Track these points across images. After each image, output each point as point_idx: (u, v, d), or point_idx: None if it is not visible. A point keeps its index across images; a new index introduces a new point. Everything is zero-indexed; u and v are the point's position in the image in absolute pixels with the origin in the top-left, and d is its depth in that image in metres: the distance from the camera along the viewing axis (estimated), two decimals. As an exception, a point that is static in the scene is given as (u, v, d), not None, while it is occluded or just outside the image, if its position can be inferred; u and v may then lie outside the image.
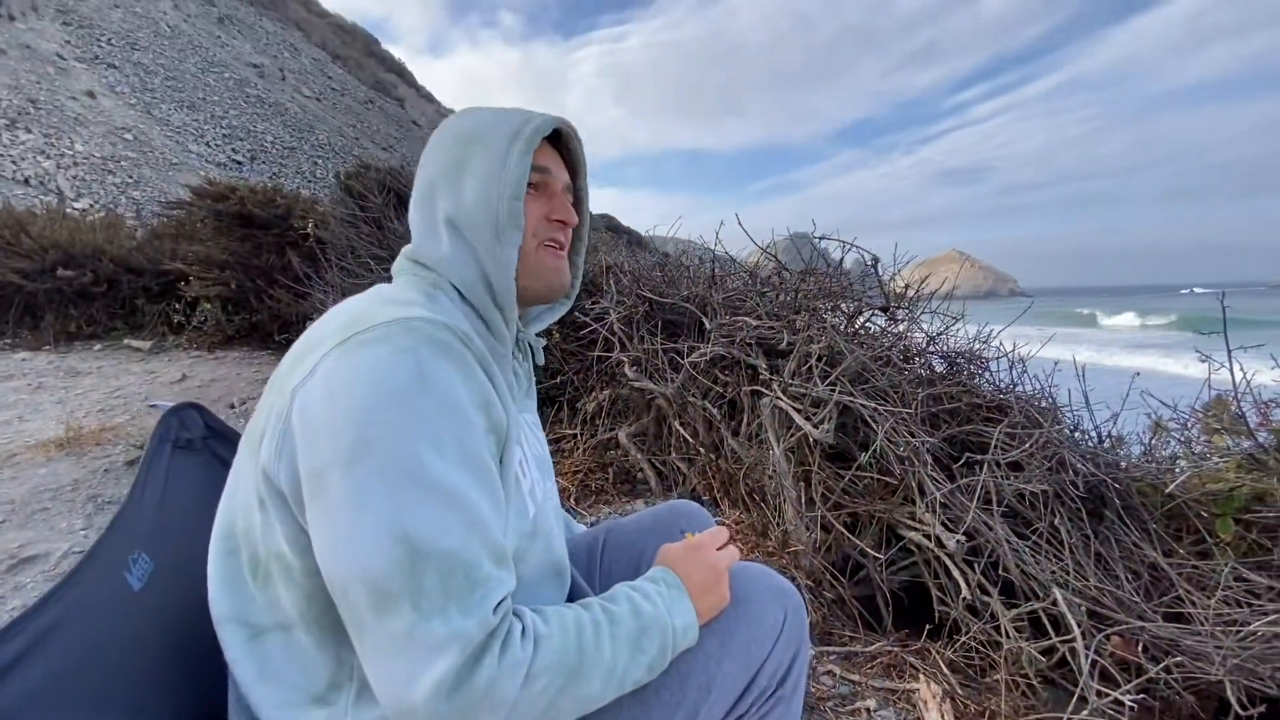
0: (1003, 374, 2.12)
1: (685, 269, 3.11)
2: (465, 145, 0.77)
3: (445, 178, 0.77)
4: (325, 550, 0.56)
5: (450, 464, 0.57)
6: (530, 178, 0.76)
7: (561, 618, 0.64)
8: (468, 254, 0.75)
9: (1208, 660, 1.32)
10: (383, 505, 0.54)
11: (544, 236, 0.80)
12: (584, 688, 0.61)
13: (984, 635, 1.54)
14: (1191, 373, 1.87)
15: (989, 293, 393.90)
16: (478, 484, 0.60)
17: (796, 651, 0.82)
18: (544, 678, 0.57)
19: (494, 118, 0.78)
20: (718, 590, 0.77)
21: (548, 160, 0.80)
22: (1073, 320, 50.43)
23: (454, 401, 0.60)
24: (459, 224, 0.75)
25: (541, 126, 0.77)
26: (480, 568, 0.56)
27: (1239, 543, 1.60)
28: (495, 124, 0.77)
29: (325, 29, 44.80)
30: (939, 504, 1.65)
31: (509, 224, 0.74)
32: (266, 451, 0.62)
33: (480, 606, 0.54)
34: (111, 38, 24.50)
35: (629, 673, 0.65)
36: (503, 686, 0.53)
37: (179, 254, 5.67)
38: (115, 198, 15.82)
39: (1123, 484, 1.78)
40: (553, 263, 0.82)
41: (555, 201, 0.81)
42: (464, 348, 0.64)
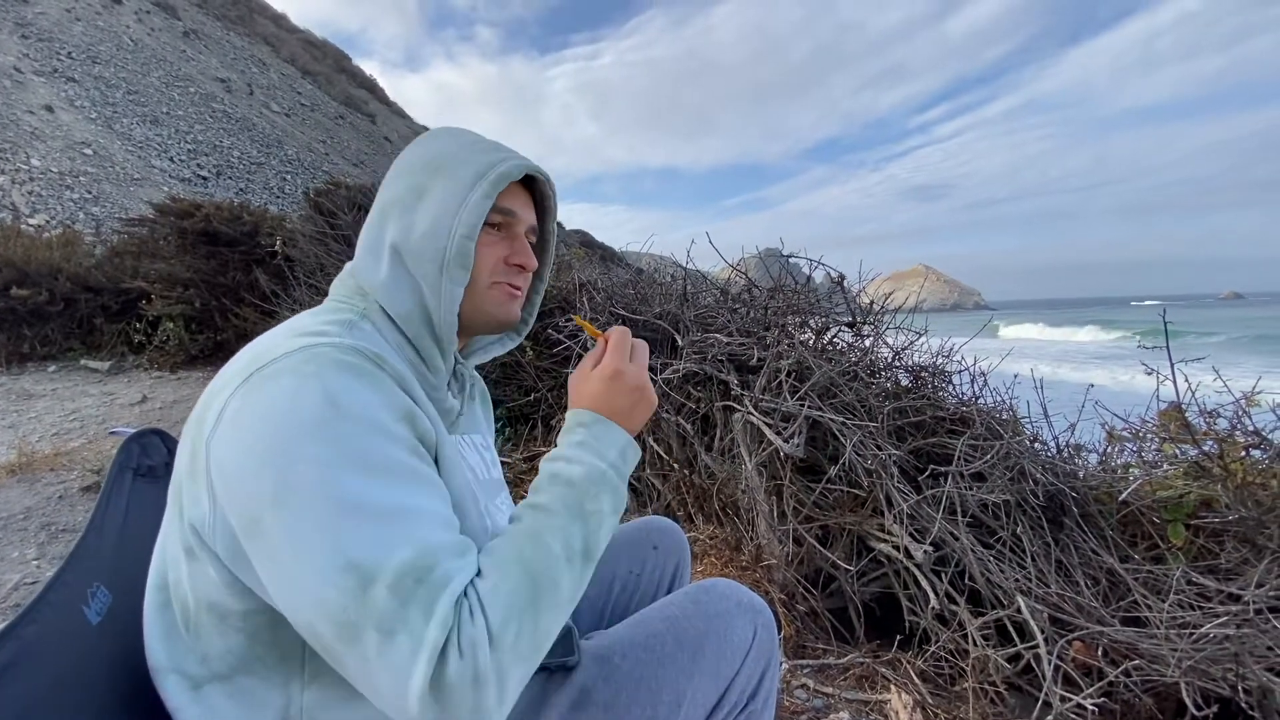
0: (965, 387, 2.18)
1: (658, 286, 3.14)
2: (429, 174, 0.75)
3: (400, 203, 0.75)
4: (279, 595, 0.55)
5: (380, 481, 0.56)
6: (493, 218, 0.75)
7: (496, 560, 0.60)
8: (407, 284, 0.74)
9: (1164, 663, 1.37)
10: (321, 541, 0.52)
11: (500, 279, 0.78)
12: (553, 593, 0.59)
13: (952, 644, 1.57)
14: (1138, 383, 1.95)
15: (955, 305, 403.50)
16: (415, 488, 0.59)
17: (767, 666, 0.83)
18: (510, 627, 0.55)
19: (464, 151, 0.76)
20: (645, 401, 0.76)
21: (514, 203, 0.78)
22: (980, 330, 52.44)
23: (370, 418, 0.58)
24: (403, 253, 0.73)
25: (510, 172, 0.75)
26: (436, 568, 0.54)
27: (1189, 547, 1.67)
28: (464, 158, 0.75)
29: (295, 44, 44.38)
30: (906, 515, 1.69)
31: (455, 262, 0.72)
32: (189, 506, 0.60)
33: (440, 605, 0.53)
34: (72, 51, 23.93)
35: (591, 537, 0.65)
36: (477, 665, 0.52)
37: (141, 272, 5.53)
38: (73, 214, 15.35)
39: (1080, 492, 1.84)
40: (503, 301, 0.80)
41: (517, 244, 0.80)
42: (375, 367, 0.62)
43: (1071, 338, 46.27)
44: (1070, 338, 46.40)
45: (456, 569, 0.56)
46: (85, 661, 0.64)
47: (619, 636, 0.81)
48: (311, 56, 44.64)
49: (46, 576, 2.15)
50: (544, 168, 0.80)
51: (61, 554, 2.34)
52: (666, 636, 0.79)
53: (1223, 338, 33.29)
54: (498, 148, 0.78)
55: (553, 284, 3.28)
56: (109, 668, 0.66)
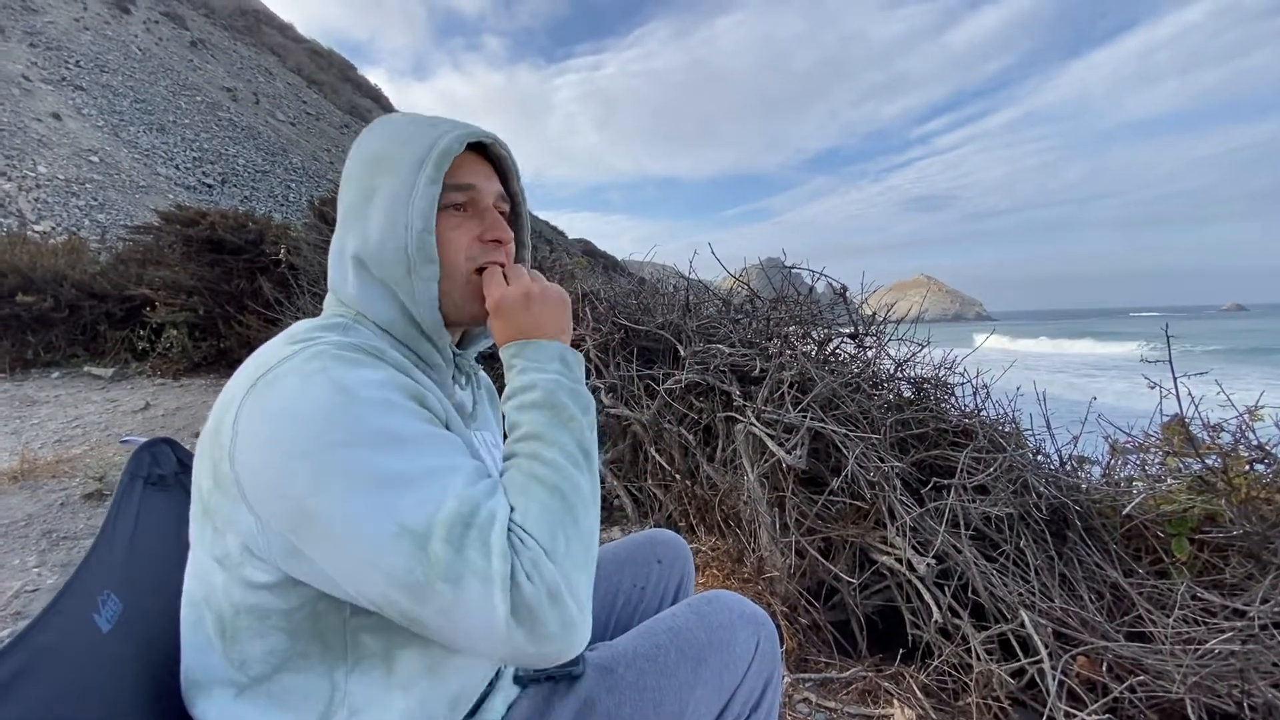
0: (968, 399, 2.19)
1: (661, 296, 3.15)
2: (372, 173, 0.72)
3: (353, 211, 0.73)
4: (346, 580, 0.56)
5: (406, 449, 0.57)
6: (454, 198, 0.72)
7: (515, 489, 0.62)
8: (381, 292, 0.72)
9: (1169, 679, 1.36)
10: (369, 516, 0.54)
11: (481, 260, 0.75)
12: (577, 495, 0.62)
13: (956, 658, 1.56)
14: (1138, 396, 1.95)
15: (956, 316, 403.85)
16: (438, 449, 0.60)
17: (769, 678, 0.83)
18: (559, 538, 0.58)
19: (400, 138, 0.72)
20: (545, 302, 0.74)
21: (471, 175, 0.74)
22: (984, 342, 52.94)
23: (381, 396, 0.59)
24: (367, 261, 0.71)
25: (450, 147, 0.70)
26: (479, 511, 0.56)
27: (1194, 562, 1.66)
28: (402, 145, 0.71)
29: (301, 54, 44.79)
30: (909, 528, 1.69)
31: (419, 258, 0.69)
32: (228, 523, 0.60)
33: (494, 542, 0.55)
34: (80, 60, 24.19)
35: (580, 438, 0.67)
36: (546, 581, 0.55)
37: (145, 279, 5.56)
38: (79, 220, 15.45)
39: (1083, 506, 1.83)
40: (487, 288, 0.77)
41: (487, 219, 0.75)
42: (374, 359, 0.63)
43: (1070, 349, 46.23)
44: (1068, 349, 46.36)
45: (498, 504, 0.58)
46: (96, 670, 0.64)
47: (623, 648, 0.81)
48: (317, 66, 45.06)
49: (47, 584, 2.16)
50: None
51: (63, 561, 2.34)
52: (670, 648, 0.80)
53: (1219, 347, 33.25)
54: (434, 124, 0.73)
55: (556, 294, 3.29)
56: (120, 676, 0.67)
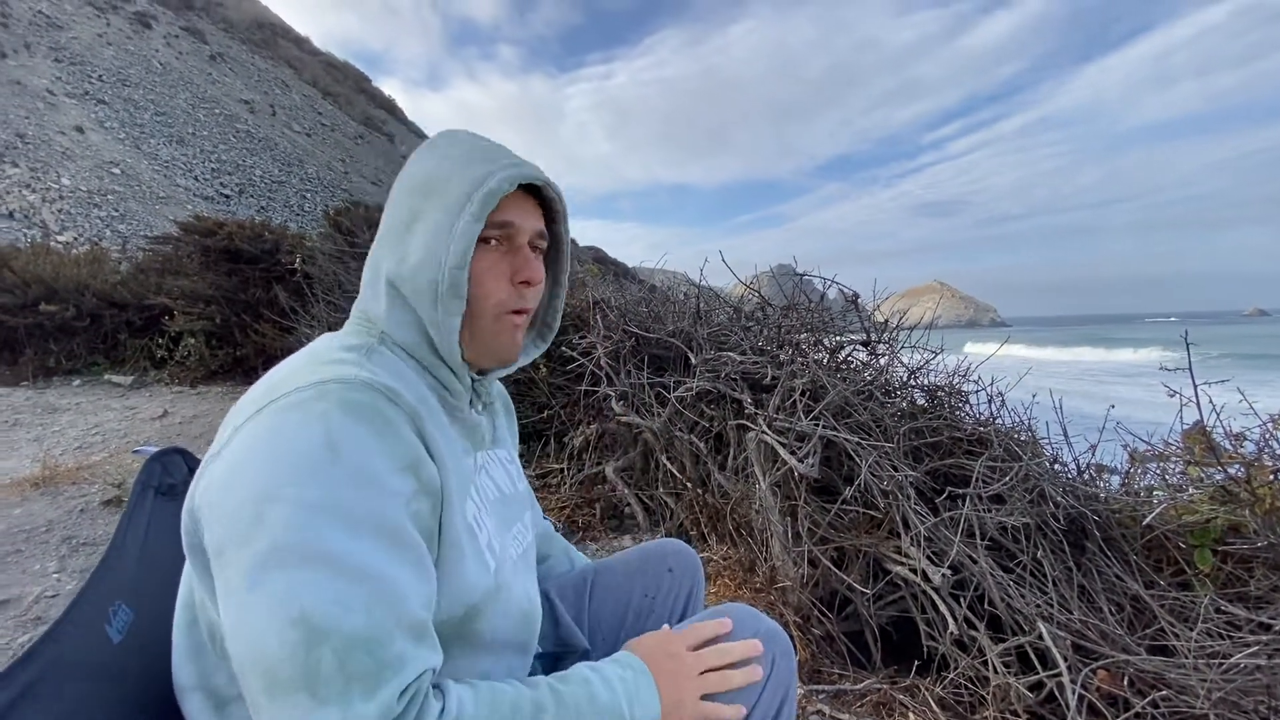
0: (982, 407, 2.16)
1: (671, 304, 3.15)
2: (421, 196, 0.72)
3: (393, 233, 0.73)
4: (226, 631, 0.53)
5: (360, 538, 0.53)
6: (490, 233, 0.72)
7: (495, 697, 0.60)
8: (409, 317, 0.72)
9: (1192, 693, 1.33)
10: (278, 586, 0.50)
11: (509, 305, 0.75)
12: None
13: (972, 670, 1.54)
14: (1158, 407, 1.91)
15: (970, 322, 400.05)
16: (395, 556, 0.56)
17: (785, 695, 0.82)
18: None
19: (454, 167, 0.72)
20: (682, 683, 0.73)
21: (511, 213, 0.73)
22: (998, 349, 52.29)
23: (367, 469, 0.56)
24: (400, 286, 0.71)
25: (498, 188, 0.69)
26: (390, 647, 0.51)
27: (1217, 574, 1.62)
28: (452, 176, 0.71)
29: (316, 66, 45.51)
30: (924, 537, 1.66)
31: (449, 294, 0.69)
32: (185, 526, 0.60)
33: (385, 688, 0.50)
34: (103, 74, 24.74)
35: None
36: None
37: (164, 288, 5.65)
38: (100, 231, 15.77)
39: (1102, 516, 1.80)
40: (508, 338, 0.77)
41: (519, 258, 0.75)
42: (388, 404, 0.61)
43: (1087, 357, 45.58)
44: (1086, 357, 45.70)
45: (413, 656, 0.53)
46: (107, 680, 0.65)
47: None
48: (332, 78, 45.76)
49: (67, 589, 2.19)
50: (559, 183, 0.77)
51: (82, 567, 2.37)
52: None
53: (1250, 350, 32.60)
54: (490, 158, 0.72)
55: (568, 302, 3.30)
56: (131, 686, 0.67)
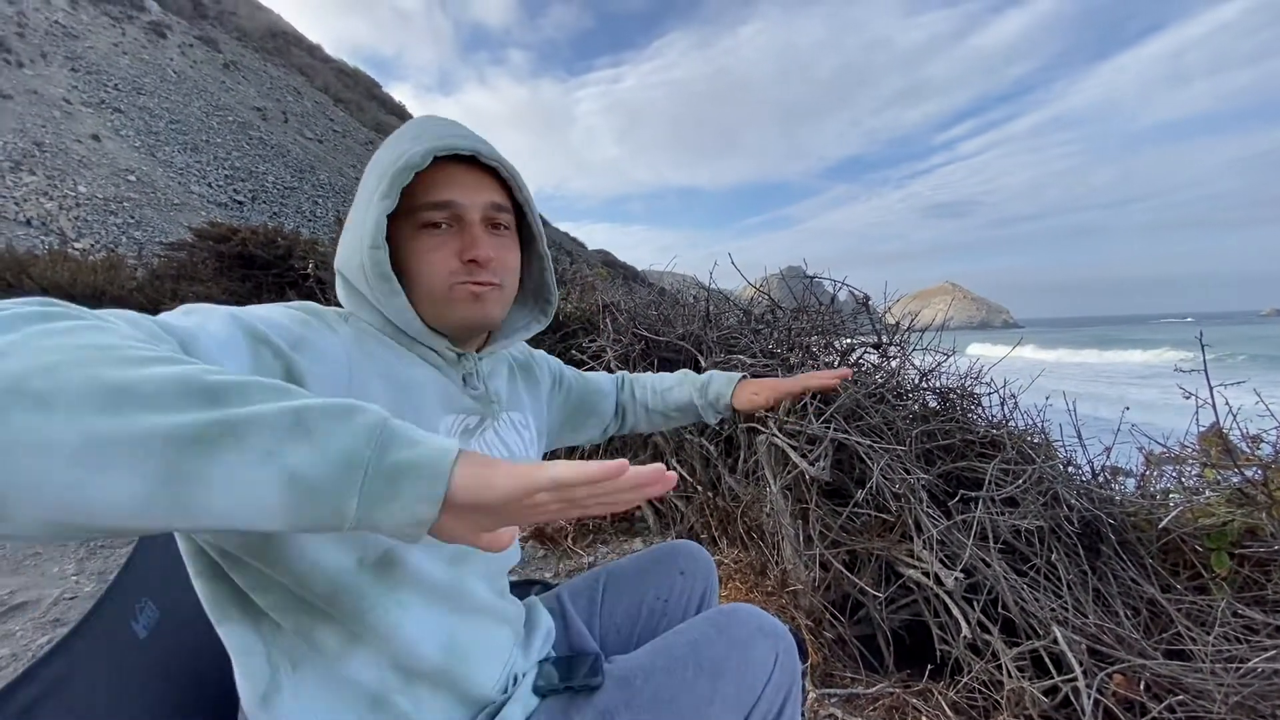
0: (995, 409, 2.15)
1: (681, 307, 3.16)
2: (361, 185, 0.74)
3: (345, 226, 0.76)
4: None
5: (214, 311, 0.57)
6: (432, 217, 0.71)
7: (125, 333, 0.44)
8: (360, 301, 0.74)
9: (1209, 698, 1.31)
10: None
11: (460, 278, 0.73)
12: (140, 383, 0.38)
13: (986, 675, 1.53)
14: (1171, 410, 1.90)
15: (983, 324, 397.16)
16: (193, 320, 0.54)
17: (789, 692, 0.83)
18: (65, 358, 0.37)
19: (389, 147, 0.72)
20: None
21: (452, 189, 0.71)
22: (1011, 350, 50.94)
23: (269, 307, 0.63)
24: (345, 273, 0.74)
25: (411, 161, 0.67)
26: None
27: (1234, 577, 1.61)
28: (383, 158, 0.71)
29: (328, 73, 45.99)
30: (936, 541, 1.66)
31: (374, 274, 0.69)
32: None
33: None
34: (119, 83, 25.13)
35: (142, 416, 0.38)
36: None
37: (180, 294, 5.72)
38: (116, 238, 15.99)
39: (1118, 519, 1.79)
40: (466, 304, 0.74)
41: (466, 236, 0.73)
42: (321, 314, 0.68)
43: (1103, 359, 45.11)
44: (1102, 359, 45.23)
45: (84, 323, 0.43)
46: (135, 675, 0.66)
47: (641, 661, 0.81)
48: (344, 84, 46.22)
49: (85, 591, 2.22)
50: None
51: (100, 569, 2.40)
52: (688, 661, 0.80)
53: (1254, 354, 32.10)
54: (417, 135, 0.71)
55: (577, 306, 3.32)
56: (157, 681, 0.69)
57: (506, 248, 0.78)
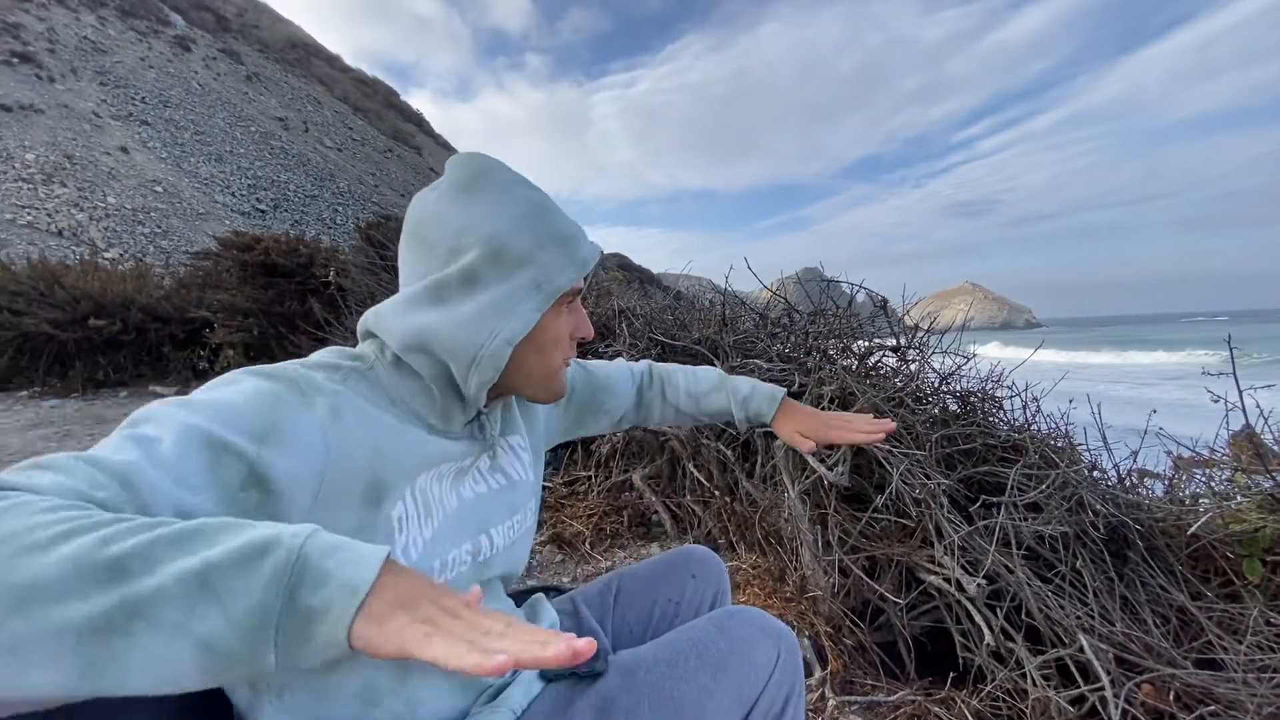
0: (1017, 413, 2.12)
1: (696, 311, 3.16)
2: (486, 261, 0.69)
3: (448, 288, 0.70)
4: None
5: (166, 415, 0.55)
6: (572, 297, 0.78)
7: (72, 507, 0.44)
8: (427, 361, 0.71)
9: (1241, 709, 1.28)
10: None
11: (566, 358, 0.81)
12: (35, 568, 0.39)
13: (1010, 683, 1.51)
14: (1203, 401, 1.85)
15: (1004, 324, 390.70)
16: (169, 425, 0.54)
17: (791, 691, 0.84)
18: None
19: (526, 244, 0.71)
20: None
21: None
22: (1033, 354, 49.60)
23: (239, 379, 0.61)
24: (432, 343, 0.69)
25: (568, 284, 0.73)
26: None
27: (1266, 584, 1.57)
28: (525, 251, 0.71)
29: (347, 83, 46.72)
30: (957, 546, 1.64)
31: (489, 363, 0.70)
32: None
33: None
34: (145, 96, 25.77)
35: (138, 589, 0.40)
36: None
37: (205, 302, 5.85)
38: (144, 247, 16.39)
39: (1145, 525, 1.75)
40: (559, 383, 0.82)
41: (579, 318, 0.81)
42: (304, 386, 0.63)
43: (1121, 360, 44.15)
44: (1120, 360, 44.26)
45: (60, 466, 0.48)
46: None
47: (644, 653, 0.83)
48: (362, 94, 46.95)
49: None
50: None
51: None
52: (690, 654, 0.81)
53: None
54: (563, 240, 0.74)
55: (593, 310, 3.34)
56: None
57: (593, 329, 0.84)
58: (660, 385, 1.22)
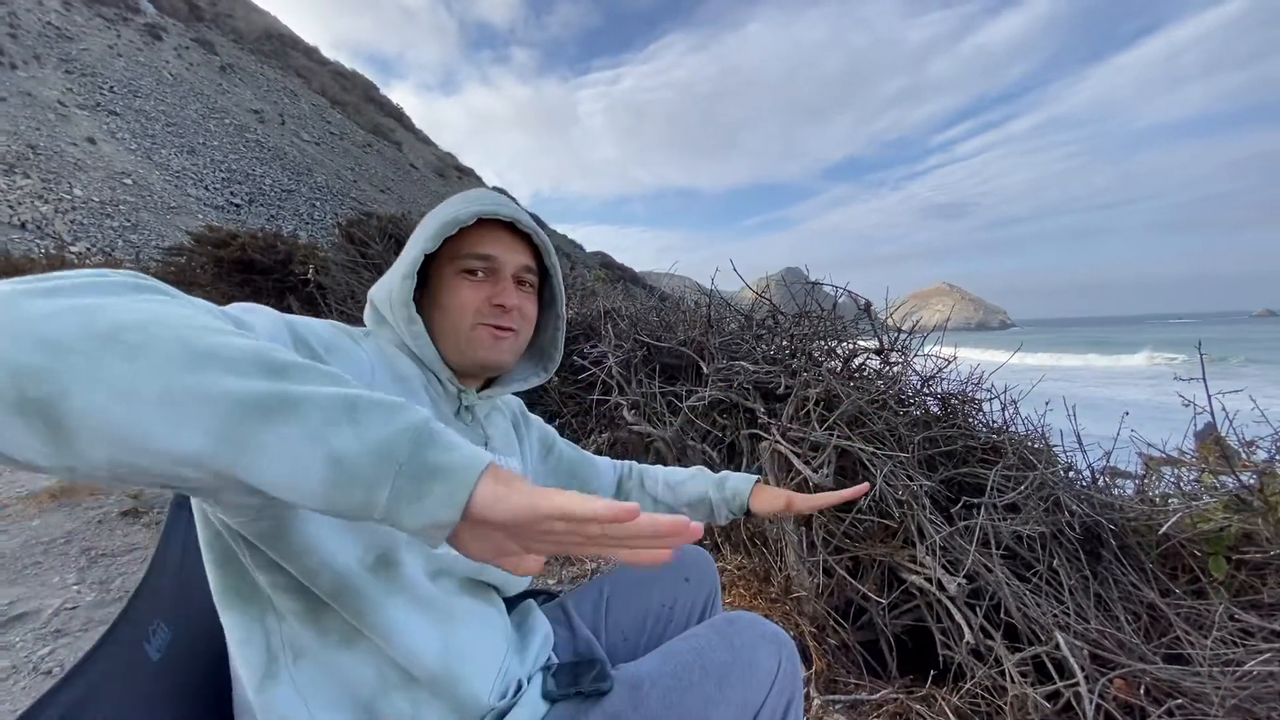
0: (996, 414, 2.16)
1: (682, 313, 3.17)
2: (411, 237, 0.87)
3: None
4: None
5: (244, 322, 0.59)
6: (472, 264, 0.83)
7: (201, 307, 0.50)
8: (382, 322, 0.85)
9: (1207, 701, 1.33)
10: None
11: (484, 319, 0.84)
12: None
13: (989, 680, 1.54)
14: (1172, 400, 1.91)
15: (980, 325, 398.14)
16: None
17: (791, 697, 0.85)
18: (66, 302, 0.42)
19: (435, 210, 0.85)
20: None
21: (494, 247, 0.84)
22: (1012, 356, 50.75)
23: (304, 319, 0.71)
24: (374, 299, 0.86)
25: (459, 217, 0.81)
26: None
27: (1231, 581, 1.62)
28: (429, 216, 0.85)
29: (325, 75, 45.92)
30: (939, 547, 1.67)
31: (398, 299, 0.81)
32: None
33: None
34: (114, 85, 25.05)
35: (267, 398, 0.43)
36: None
37: (178, 299, 5.72)
38: (113, 241, 15.94)
39: (1118, 524, 1.80)
40: (485, 344, 0.85)
41: (499, 286, 0.85)
42: (350, 331, 0.77)
43: (1093, 364, 45.26)
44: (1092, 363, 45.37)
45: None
46: (148, 698, 0.67)
47: (648, 667, 0.83)
48: (341, 87, 46.18)
49: (87, 601, 2.21)
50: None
51: (101, 578, 2.39)
52: (694, 666, 0.82)
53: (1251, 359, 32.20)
54: (470, 200, 0.84)
55: (578, 311, 3.33)
56: (170, 703, 0.69)
57: (529, 302, 0.89)
58: (639, 477, 1.25)
